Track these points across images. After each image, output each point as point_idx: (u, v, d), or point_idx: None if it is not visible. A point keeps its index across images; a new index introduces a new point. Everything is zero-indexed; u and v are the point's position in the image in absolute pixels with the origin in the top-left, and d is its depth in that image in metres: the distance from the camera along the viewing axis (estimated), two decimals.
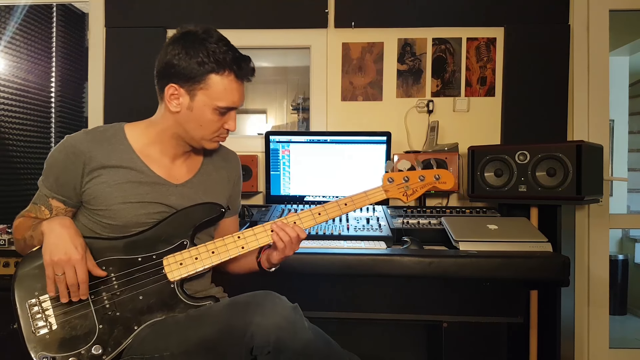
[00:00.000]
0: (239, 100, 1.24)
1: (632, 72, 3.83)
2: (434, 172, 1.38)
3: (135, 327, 1.16)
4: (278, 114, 4.45)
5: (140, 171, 1.25)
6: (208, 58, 1.17)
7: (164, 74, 1.21)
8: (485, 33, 2.35)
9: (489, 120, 2.34)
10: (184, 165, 1.33)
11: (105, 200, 1.21)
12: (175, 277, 1.20)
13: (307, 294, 1.21)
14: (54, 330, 1.12)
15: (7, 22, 2.67)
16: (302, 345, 1.06)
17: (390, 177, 1.36)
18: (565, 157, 1.75)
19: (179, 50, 1.18)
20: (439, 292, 1.68)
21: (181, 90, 1.20)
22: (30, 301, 1.13)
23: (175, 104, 1.21)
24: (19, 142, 2.75)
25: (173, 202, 1.27)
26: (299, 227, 1.27)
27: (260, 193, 2.35)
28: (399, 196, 1.36)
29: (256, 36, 2.41)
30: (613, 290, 3.30)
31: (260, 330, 1.03)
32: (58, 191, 1.24)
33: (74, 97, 3.15)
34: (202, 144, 1.27)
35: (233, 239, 1.25)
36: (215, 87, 1.19)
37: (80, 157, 1.21)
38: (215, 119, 1.22)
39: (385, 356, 2.02)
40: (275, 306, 1.09)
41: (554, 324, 1.81)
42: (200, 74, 1.17)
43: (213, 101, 1.19)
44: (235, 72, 1.21)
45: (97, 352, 1.11)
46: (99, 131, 1.27)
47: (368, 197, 1.34)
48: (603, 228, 2.31)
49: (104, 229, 1.23)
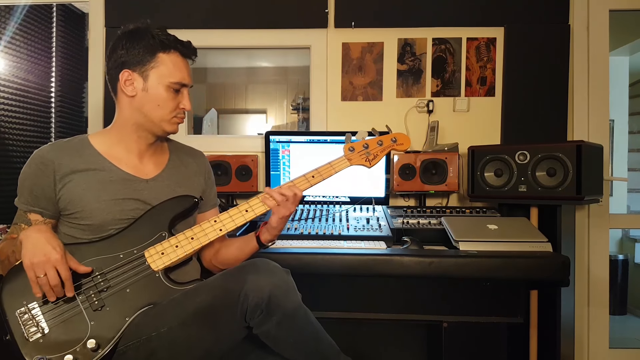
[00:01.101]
0: (188, 76, 1.32)
1: (632, 72, 3.83)
2: (391, 135, 1.45)
3: (127, 318, 1.18)
4: (278, 114, 4.45)
5: (108, 170, 1.29)
6: (154, 40, 1.27)
7: (115, 66, 1.28)
8: (485, 33, 2.35)
9: (489, 120, 2.34)
10: (151, 161, 1.37)
11: (80, 202, 1.24)
12: (159, 266, 1.23)
13: (307, 294, 1.21)
14: (46, 334, 1.13)
15: (7, 22, 2.67)
16: (295, 306, 1.12)
17: (350, 146, 1.41)
18: (565, 157, 1.75)
19: (125, 42, 1.27)
20: (439, 292, 1.68)
21: (134, 74, 1.27)
22: (20, 310, 1.15)
23: (130, 89, 1.28)
24: (19, 142, 2.75)
25: (146, 197, 1.31)
26: (288, 186, 1.35)
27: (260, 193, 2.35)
28: (362, 162, 1.42)
29: (256, 36, 2.41)
30: (613, 290, 3.30)
31: (254, 287, 1.08)
32: (34, 204, 1.27)
33: (74, 97, 3.15)
34: (162, 126, 1.31)
35: (210, 223, 1.31)
36: (165, 64, 1.27)
37: (50, 166, 1.25)
38: (170, 97, 1.29)
39: (386, 356, 2.02)
40: (269, 267, 1.15)
41: (554, 324, 1.81)
42: (149, 54, 1.26)
43: (165, 78, 1.27)
44: (180, 50, 1.30)
45: (92, 347, 1.13)
46: (64, 141, 1.33)
47: (333, 167, 1.39)
48: (603, 228, 2.31)
49: (83, 232, 1.26)
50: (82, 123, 3.17)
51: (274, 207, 1.33)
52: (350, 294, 1.71)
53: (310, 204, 2.16)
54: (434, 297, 1.69)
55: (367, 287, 1.70)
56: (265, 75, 4.37)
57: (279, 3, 2.36)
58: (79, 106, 3.20)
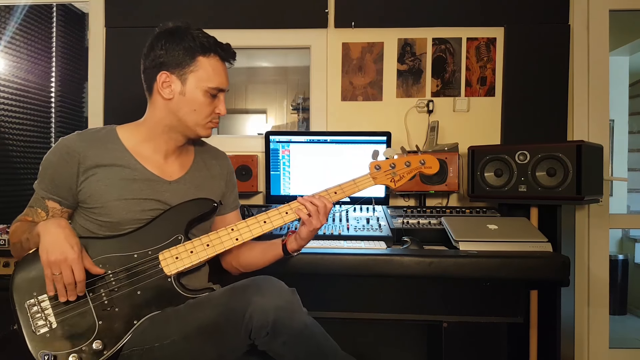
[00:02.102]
0: (226, 81, 1.30)
1: (632, 72, 3.83)
2: (419, 157, 1.41)
3: (135, 321, 1.17)
4: (278, 114, 4.45)
5: (133, 169, 1.27)
6: (194, 42, 1.24)
7: (152, 66, 1.26)
8: (485, 33, 2.35)
9: (489, 120, 2.34)
10: (176, 162, 1.35)
11: (101, 198, 1.23)
12: (172, 271, 1.21)
13: (307, 294, 1.21)
14: (54, 329, 1.13)
15: (7, 22, 2.67)
16: (300, 327, 1.09)
17: (377, 164, 1.37)
18: (565, 157, 1.75)
19: (164, 41, 1.24)
20: (439, 292, 1.68)
21: (172, 77, 1.25)
22: (29, 302, 1.14)
23: (167, 91, 1.25)
24: (19, 142, 2.75)
25: (167, 199, 1.29)
26: (324, 197, 1.32)
27: (260, 193, 2.35)
28: (387, 182, 1.39)
29: (256, 36, 2.41)
30: (613, 290, 3.30)
31: (259, 310, 1.06)
32: (54, 192, 1.25)
33: (74, 97, 3.15)
34: (196, 130, 1.29)
35: (227, 231, 1.28)
36: (204, 68, 1.25)
37: (75, 157, 1.23)
38: (207, 102, 1.27)
39: (386, 356, 2.02)
40: (274, 288, 1.12)
41: (554, 324, 1.81)
42: (189, 57, 1.24)
43: (203, 83, 1.25)
44: (220, 54, 1.28)
45: (97, 348, 1.12)
46: (92, 132, 1.30)
47: (357, 185, 1.37)
48: (603, 228, 2.31)
49: (100, 227, 1.24)
50: (82, 123, 3.17)
51: (305, 218, 1.30)
52: (350, 294, 1.71)
53: None
54: (434, 297, 1.69)
55: (367, 287, 1.70)
56: (265, 75, 4.36)
57: (279, 3, 2.36)
58: (79, 106, 3.20)
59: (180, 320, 1.14)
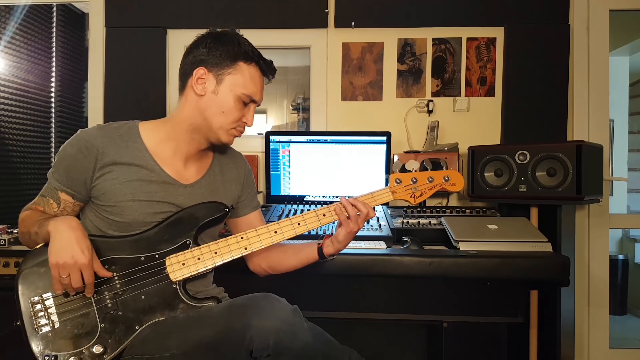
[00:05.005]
0: (260, 93, 1.29)
1: (632, 72, 3.83)
2: (444, 173, 1.35)
3: (137, 326, 1.16)
4: (278, 114, 4.45)
5: (151, 170, 1.25)
6: (239, 47, 1.25)
7: (192, 62, 1.25)
8: (485, 33, 2.35)
9: (489, 120, 2.34)
10: (194, 166, 1.33)
11: (115, 197, 1.21)
12: (178, 278, 1.20)
13: (307, 294, 1.21)
14: (56, 329, 1.12)
15: (7, 22, 2.67)
16: (302, 347, 1.06)
17: (397, 177, 1.33)
18: (565, 157, 1.75)
19: (209, 41, 1.25)
20: (439, 292, 1.68)
21: (209, 74, 1.24)
22: (33, 299, 1.13)
23: (201, 87, 1.24)
24: (19, 142, 2.74)
25: (181, 202, 1.27)
26: (363, 203, 1.30)
27: (260, 193, 2.35)
28: (407, 198, 1.34)
29: (256, 36, 2.38)
30: (613, 290, 3.30)
31: (259, 333, 1.03)
32: (68, 184, 1.23)
33: (74, 97, 3.15)
34: (218, 134, 1.27)
35: (236, 239, 1.26)
36: (242, 74, 1.25)
37: (93, 152, 1.21)
38: (237, 107, 1.25)
39: (386, 356, 2.02)
40: (274, 309, 1.09)
41: (554, 324, 1.81)
42: (230, 59, 1.24)
43: (238, 87, 1.24)
44: (261, 66, 1.28)
45: (98, 352, 1.12)
46: (113, 127, 1.27)
47: (374, 198, 1.33)
48: (603, 228, 2.31)
49: (109, 226, 1.23)
50: (82, 123, 3.17)
51: (344, 220, 1.29)
52: (350, 294, 1.71)
53: (310, 203, 2.16)
54: (434, 297, 1.69)
55: (367, 287, 1.70)
56: None
57: (279, 3, 2.36)
58: (79, 106, 3.19)
59: (180, 335, 1.12)
